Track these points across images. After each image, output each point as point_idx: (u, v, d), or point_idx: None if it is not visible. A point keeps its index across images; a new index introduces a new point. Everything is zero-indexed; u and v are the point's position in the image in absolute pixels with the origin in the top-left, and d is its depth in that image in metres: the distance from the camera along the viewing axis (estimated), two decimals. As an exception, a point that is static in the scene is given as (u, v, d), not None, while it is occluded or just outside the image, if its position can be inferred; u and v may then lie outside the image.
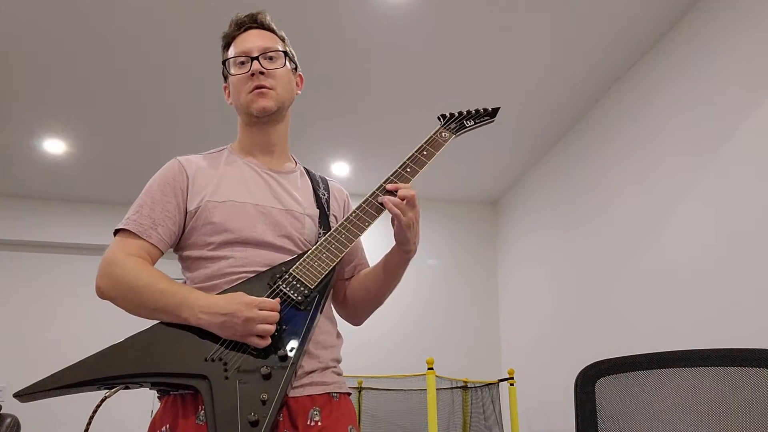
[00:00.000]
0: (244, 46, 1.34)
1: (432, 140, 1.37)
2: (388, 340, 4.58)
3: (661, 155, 3.02)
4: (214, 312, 1.10)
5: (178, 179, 1.29)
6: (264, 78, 1.32)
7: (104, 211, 4.95)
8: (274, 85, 1.33)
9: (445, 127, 1.41)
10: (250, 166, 1.35)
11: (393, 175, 1.30)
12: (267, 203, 1.29)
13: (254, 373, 1.06)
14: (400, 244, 1.27)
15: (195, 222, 1.26)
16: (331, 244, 1.23)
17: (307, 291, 1.17)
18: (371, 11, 2.89)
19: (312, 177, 1.44)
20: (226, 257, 1.22)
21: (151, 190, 1.28)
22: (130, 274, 1.17)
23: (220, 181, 1.30)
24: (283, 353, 1.09)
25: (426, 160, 1.33)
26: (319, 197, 1.39)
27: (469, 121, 1.44)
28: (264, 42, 1.35)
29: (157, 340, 1.11)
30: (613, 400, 1.34)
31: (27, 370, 4.33)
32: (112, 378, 1.06)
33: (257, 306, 1.09)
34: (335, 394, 1.23)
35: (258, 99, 1.31)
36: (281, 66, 1.35)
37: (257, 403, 1.03)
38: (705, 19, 2.77)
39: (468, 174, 4.68)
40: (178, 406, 1.13)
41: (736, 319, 2.44)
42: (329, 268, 1.21)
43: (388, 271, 1.32)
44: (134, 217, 1.25)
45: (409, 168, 1.30)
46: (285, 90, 1.36)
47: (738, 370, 1.22)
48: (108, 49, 3.14)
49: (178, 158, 1.34)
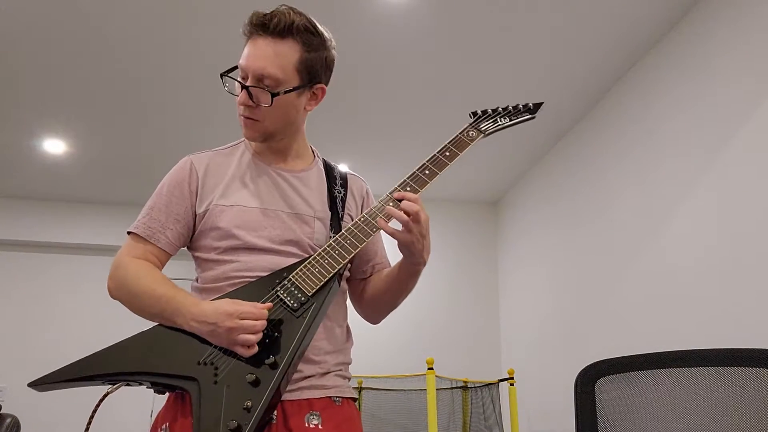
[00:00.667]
0: (243, 61, 1.22)
1: (457, 140, 1.28)
2: (388, 340, 4.58)
3: (661, 156, 3.02)
4: (202, 321, 1.10)
5: (189, 180, 1.28)
6: (250, 110, 1.23)
7: (104, 211, 4.96)
8: (260, 117, 1.23)
9: (474, 125, 1.32)
10: (263, 166, 1.32)
11: (410, 177, 1.22)
12: (276, 207, 1.26)
13: (242, 379, 1.07)
14: (406, 258, 1.23)
15: (203, 225, 1.25)
16: (335, 250, 1.19)
17: (304, 298, 1.14)
18: (371, 11, 2.89)
19: (330, 173, 1.38)
20: (232, 261, 1.22)
21: (161, 192, 1.28)
22: (131, 279, 1.19)
23: (230, 183, 1.28)
24: (272, 361, 1.08)
25: (447, 162, 1.24)
26: (334, 197, 1.34)
27: (504, 119, 1.35)
28: (261, 64, 1.19)
29: (155, 341, 1.14)
30: (613, 400, 1.34)
31: (27, 370, 4.31)
32: (112, 374, 1.10)
33: (238, 316, 1.08)
34: (337, 399, 1.20)
35: (245, 126, 1.26)
36: (268, 104, 1.21)
37: (240, 410, 1.03)
38: (705, 19, 2.77)
39: (469, 174, 4.68)
40: (178, 405, 1.14)
41: (737, 319, 2.44)
42: (329, 275, 1.16)
43: (401, 278, 1.28)
44: (144, 219, 1.26)
45: (428, 170, 1.22)
46: (274, 120, 1.25)
47: (738, 370, 1.22)
48: (108, 49, 3.14)
49: (190, 157, 1.32)
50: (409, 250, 1.18)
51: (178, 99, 3.60)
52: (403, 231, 1.16)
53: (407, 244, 1.17)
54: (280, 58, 1.21)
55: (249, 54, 1.22)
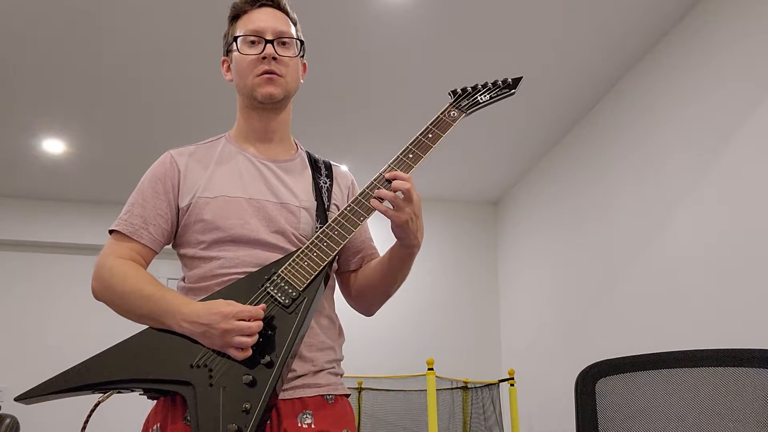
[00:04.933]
0: (256, 24, 1.27)
1: (438, 121, 1.26)
2: (388, 341, 4.58)
3: (662, 156, 3.02)
4: (194, 321, 1.07)
5: (170, 175, 1.26)
6: (275, 64, 1.25)
7: (104, 211, 4.94)
8: (284, 73, 1.27)
9: (455, 105, 1.29)
10: (246, 156, 1.30)
11: (394, 162, 1.20)
12: (261, 196, 1.24)
13: (238, 380, 1.04)
14: (400, 239, 1.20)
15: (187, 219, 1.23)
16: (323, 242, 1.16)
17: (296, 294, 1.11)
18: (371, 10, 2.89)
19: (314, 164, 1.37)
20: (217, 257, 1.19)
21: (142, 187, 1.26)
22: (117, 279, 1.16)
23: (213, 175, 1.26)
24: (268, 360, 1.05)
25: (431, 144, 1.22)
26: (319, 187, 1.32)
27: (483, 96, 1.31)
28: (279, 25, 1.28)
29: (145, 345, 1.10)
30: (614, 401, 1.34)
31: (26, 370, 4.34)
32: (101, 384, 1.07)
33: (234, 317, 1.05)
34: (329, 396, 1.19)
35: (266, 84, 1.25)
36: (294, 55, 1.29)
37: (239, 412, 1.01)
38: (706, 18, 2.77)
39: (469, 174, 4.68)
40: (168, 407, 1.12)
41: (737, 319, 2.44)
42: (319, 268, 1.14)
43: (393, 266, 1.25)
44: (125, 217, 1.23)
45: (412, 153, 1.21)
46: (293, 78, 1.30)
47: (738, 370, 1.22)
48: (108, 49, 3.14)
49: (170, 152, 1.30)
50: (403, 230, 1.16)
51: (178, 99, 3.59)
52: (396, 210, 1.14)
53: (401, 224, 1.15)
54: (289, 24, 1.33)
55: (262, 17, 1.29)
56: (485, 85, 1.33)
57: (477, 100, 1.31)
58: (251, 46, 1.26)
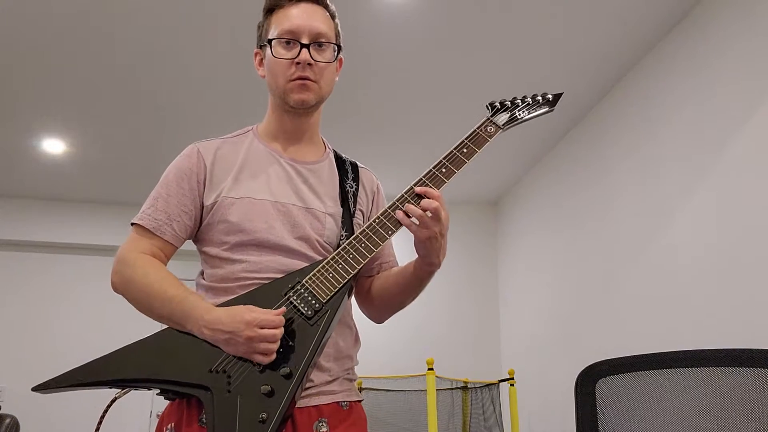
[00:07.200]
0: (293, 23, 1.21)
1: (474, 135, 1.22)
2: (388, 341, 4.57)
3: (662, 156, 3.02)
4: (217, 329, 1.06)
5: (195, 170, 1.22)
6: (310, 70, 1.20)
7: (103, 210, 4.95)
8: (318, 79, 1.22)
9: (492, 119, 1.25)
10: (274, 156, 1.26)
11: (426, 176, 1.16)
12: (287, 200, 1.21)
13: (256, 389, 1.03)
14: (420, 256, 1.18)
15: (211, 218, 1.20)
16: (349, 254, 1.14)
17: (319, 305, 1.10)
18: (371, 10, 2.89)
19: (341, 165, 1.34)
20: (240, 261, 1.17)
21: (167, 181, 1.22)
22: (139, 277, 1.14)
23: (239, 174, 1.22)
24: (287, 371, 1.05)
25: (465, 160, 1.19)
26: (345, 191, 1.29)
27: (522, 112, 1.28)
28: (316, 23, 1.22)
29: (166, 346, 1.10)
30: (614, 401, 1.34)
31: (27, 370, 4.33)
32: (120, 381, 1.07)
33: (258, 325, 1.04)
34: (344, 403, 1.18)
35: (298, 90, 1.21)
36: (330, 60, 1.23)
37: (255, 422, 1.00)
38: (706, 19, 2.77)
39: (469, 174, 4.65)
40: (184, 407, 1.12)
41: (736, 319, 2.44)
42: (344, 280, 1.12)
43: (411, 282, 1.23)
44: (149, 211, 1.20)
45: (445, 168, 1.18)
46: (327, 84, 1.25)
47: (738, 370, 1.22)
48: (108, 49, 3.14)
49: (197, 145, 1.26)
50: (425, 248, 1.14)
51: (178, 99, 3.59)
52: (422, 227, 1.12)
53: (424, 241, 1.13)
54: (327, 20, 1.26)
55: (300, 15, 1.22)
56: (524, 100, 1.30)
57: (516, 116, 1.28)
58: (286, 47, 1.21)
